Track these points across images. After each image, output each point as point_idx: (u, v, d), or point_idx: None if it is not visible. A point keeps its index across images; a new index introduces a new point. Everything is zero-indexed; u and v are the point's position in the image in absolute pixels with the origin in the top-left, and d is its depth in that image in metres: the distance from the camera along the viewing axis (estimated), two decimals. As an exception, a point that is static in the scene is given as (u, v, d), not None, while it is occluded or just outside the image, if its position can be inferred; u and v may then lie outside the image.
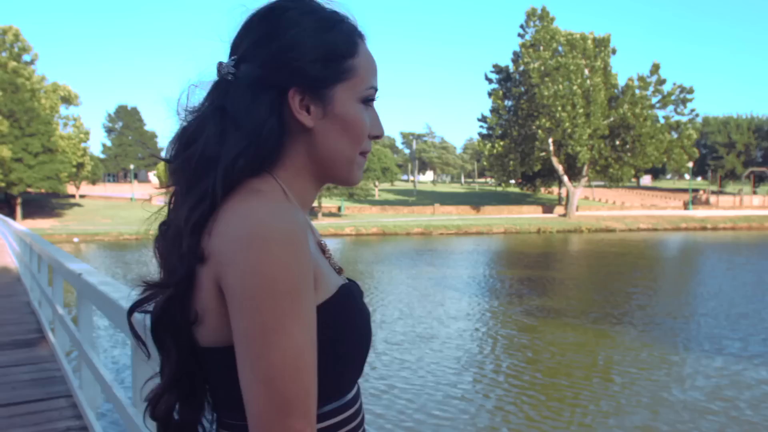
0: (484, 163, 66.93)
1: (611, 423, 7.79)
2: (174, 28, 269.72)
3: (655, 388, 9.11)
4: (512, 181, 67.30)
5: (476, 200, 74.03)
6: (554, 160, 58.38)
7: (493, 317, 14.62)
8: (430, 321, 13.89)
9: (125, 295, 3.12)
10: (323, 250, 1.01)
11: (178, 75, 1.01)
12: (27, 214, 54.55)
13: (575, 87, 55.16)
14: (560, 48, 57.50)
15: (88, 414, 4.34)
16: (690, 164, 63.53)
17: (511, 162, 60.62)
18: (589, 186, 74.17)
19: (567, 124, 54.47)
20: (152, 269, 1.08)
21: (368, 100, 0.99)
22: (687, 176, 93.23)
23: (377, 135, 1.00)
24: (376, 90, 0.99)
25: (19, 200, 55.39)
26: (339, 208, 66.10)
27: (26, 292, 10.72)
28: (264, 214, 0.83)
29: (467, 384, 9.37)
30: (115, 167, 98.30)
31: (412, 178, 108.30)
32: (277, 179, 0.95)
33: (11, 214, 50.99)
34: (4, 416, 4.67)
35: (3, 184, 52.14)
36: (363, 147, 0.99)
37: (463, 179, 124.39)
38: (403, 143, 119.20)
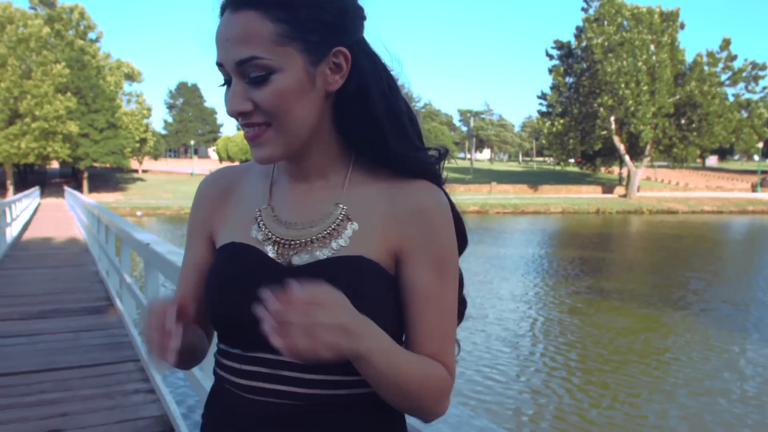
0: (543, 142, 65.95)
1: (656, 408, 7.75)
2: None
3: (707, 377, 8.98)
4: (571, 160, 66.08)
5: (534, 179, 73.14)
6: (616, 139, 57.10)
7: (542, 297, 14.55)
8: (478, 300, 13.95)
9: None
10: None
11: None
12: (93, 188, 56.51)
13: (640, 63, 53.64)
14: (625, 22, 55.89)
15: (155, 377, 4.61)
16: (760, 145, 61.25)
17: (571, 140, 59.53)
18: (652, 166, 72.22)
19: (630, 101, 53.11)
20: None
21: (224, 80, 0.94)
22: (756, 157, 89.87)
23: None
24: (218, 65, 0.92)
25: (85, 174, 57.43)
26: (395, 186, 66.26)
27: (94, 262, 11.23)
28: None
29: (508, 365, 9.42)
30: (176, 143, 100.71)
31: (469, 156, 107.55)
32: None
33: (78, 188, 53.01)
34: (77, 377, 5.00)
35: (70, 159, 54.10)
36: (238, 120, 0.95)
37: (521, 158, 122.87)
38: (460, 120, 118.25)
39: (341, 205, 0.95)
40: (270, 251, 0.95)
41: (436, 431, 1.09)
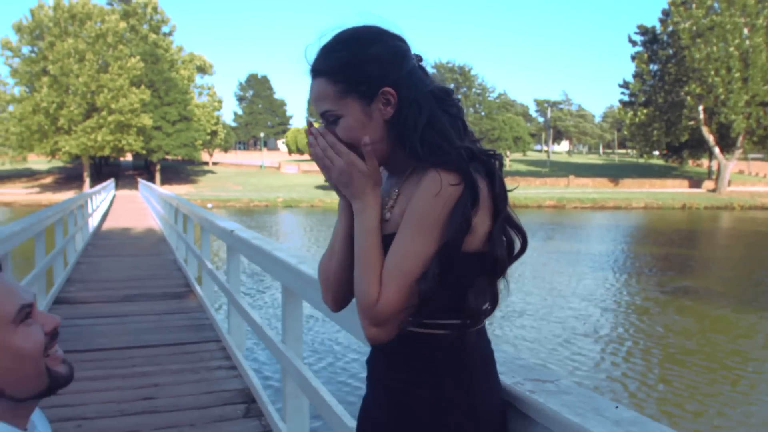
0: (625, 133, 64.60)
1: (736, 414, 7.77)
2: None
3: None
4: (656, 153, 64.53)
5: (615, 172, 71.56)
6: (704, 130, 55.36)
7: (619, 296, 14.54)
8: (551, 297, 14.05)
9: (276, 247, 3.74)
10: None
11: (309, 43, 1.47)
12: (164, 181, 58.74)
13: (731, 48, 51.75)
14: (716, 5, 54.01)
15: (237, 354, 5.08)
16: None
17: (655, 131, 58.08)
18: (745, 159, 69.65)
19: (720, 89, 51.39)
20: (281, 233, 1.60)
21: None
22: None
23: None
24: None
25: (158, 167, 59.78)
26: (467, 179, 66.20)
27: (172, 251, 11.96)
28: None
29: (579, 363, 9.55)
30: (246, 135, 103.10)
31: (545, 148, 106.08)
32: None
33: (151, 180, 55.17)
34: (164, 354, 5.54)
35: (144, 152, 56.46)
36: None
37: (601, 150, 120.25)
38: (536, 111, 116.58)
39: (396, 190, 1.36)
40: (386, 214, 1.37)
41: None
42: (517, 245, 1.35)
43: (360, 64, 1.30)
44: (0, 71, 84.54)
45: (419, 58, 1.37)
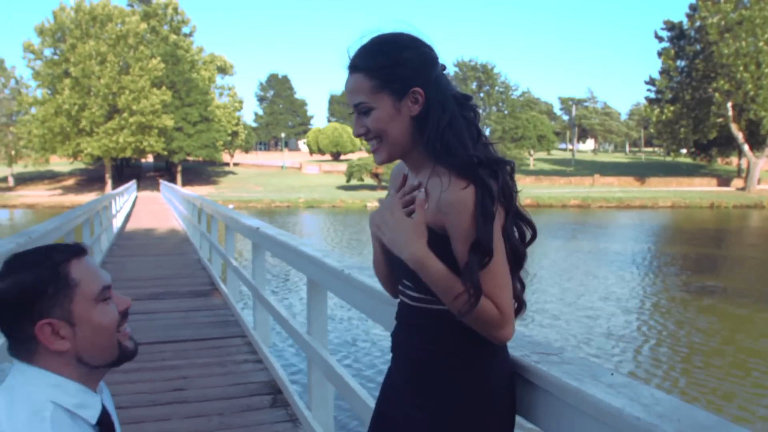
0: (652, 131, 64.11)
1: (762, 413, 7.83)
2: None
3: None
4: (683, 151, 63.96)
5: (641, 171, 71.09)
6: (733, 127, 54.83)
7: (641, 295, 14.56)
8: (571, 296, 14.13)
9: (301, 242, 3.95)
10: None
11: (329, 42, 1.68)
12: (186, 182, 59.43)
13: (761, 43, 51.18)
14: (744, -1, 53.55)
15: (263, 348, 5.30)
16: None
17: (683, 129, 57.61)
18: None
19: (750, 85, 50.88)
20: (304, 234, 1.79)
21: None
22: None
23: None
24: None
25: (179, 168, 60.47)
26: (490, 179, 66.12)
27: (195, 251, 12.25)
28: None
29: (602, 361, 9.66)
30: (267, 135, 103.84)
31: (570, 146, 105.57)
32: None
33: (172, 181, 55.85)
34: (192, 348, 5.77)
35: (165, 153, 57.17)
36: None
37: (627, 148, 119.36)
38: (561, 109, 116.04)
39: (421, 188, 1.54)
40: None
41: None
42: (528, 237, 1.58)
43: (395, 64, 1.50)
44: (22, 74, 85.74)
45: (443, 67, 1.57)
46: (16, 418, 1.23)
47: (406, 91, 1.50)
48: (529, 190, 55.99)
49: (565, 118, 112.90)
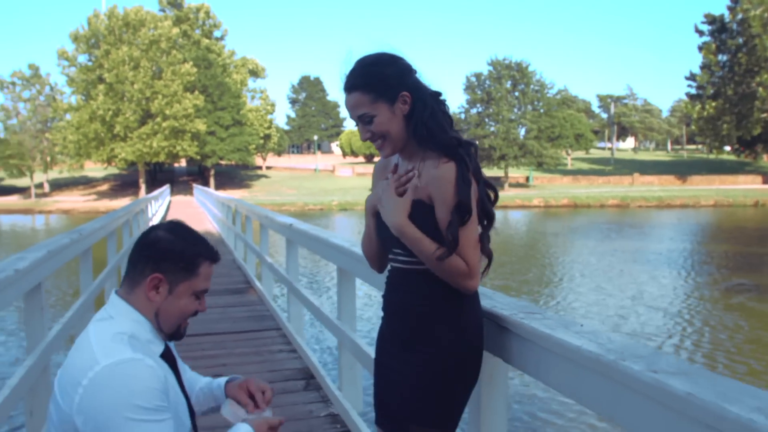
0: (693, 128, 63.45)
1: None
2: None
3: None
4: (726, 147, 63.18)
5: (683, 169, 70.35)
6: (778, 123, 54.11)
7: (685, 296, 14.65)
8: (613, 298, 14.30)
9: (331, 235, 4.34)
10: None
11: (361, 43, 2.06)
12: (219, 185, 60.41)
13: (807, 36, 50.56)
14: (789, -10, 52.81)
15: (297, 339, 5.70)
16: None
17: (725, 125, 56.97)
18: (825, 152, 67.59)
19: (795, 79, 50.23)
20: (340, 234, 2.17)
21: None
22: None
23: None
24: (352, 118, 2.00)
25: (212, 172, 61.52)
26: (527, 179, 66.10)
27: (230, 251, 12.74)
28: None
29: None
30: (299, 138, 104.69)
31: (609, 145, 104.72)
32: None
33: (205, 185, 56.87)
34: (230, 340, 6.20)
35: (198, 157, 58.23)
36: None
37: (669, 146, 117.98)
38: (599, 107, 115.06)
39: (415, 171, 1.95)
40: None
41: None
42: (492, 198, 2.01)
43: (384, 78, 1.93)
44: (57, 80, 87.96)
45: (415, 71, 2.00)
46: (104, 335, 1.70)
47: (396, 97, 1.93)
48: (566, 189, 55.85)
49: (604, 115, 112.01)
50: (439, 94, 1.99)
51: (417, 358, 1.95)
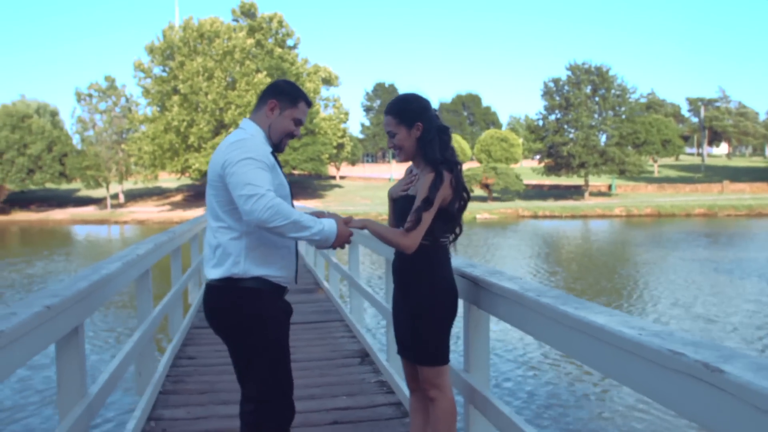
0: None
1: None
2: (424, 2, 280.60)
3: None
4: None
5: (780, 176, 68.50)
6: None
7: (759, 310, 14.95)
8: (695, 309, 14.77)
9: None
10: None
11: (434, 49, 3.17)
12: (292, 196, 62.13)
13: None
14: None
15: (356, 326, 6.77)
16: None
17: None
18: None
19: None
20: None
21: None
22: None
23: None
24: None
25: (285, 182, 63.46)
26: (609, 187, 65.71)
27: (301, 257, 13.95)
28: None
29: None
30: (374, 147, 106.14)
31: (699, 151, 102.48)
32: None
33: (278, 195, 58.71)
34: (299, 329, 7.28)
35: (271, 167, 60.20)
36: None
37: (767, 151, 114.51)
38: (689, 111, 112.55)
39: (416, 176, 2.99)
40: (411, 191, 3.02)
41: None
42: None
43: (408, 111, 2.97)
44: (132, 92, 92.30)
45: (434, 110, 3.00)
46: (236, 135, 2.95)
47: (413, 124, 2.95)
48: (650, 198, 55.38)
49: (694, 120, 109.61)
50: (446, 128, 3.01)
51: (411, 301, 2.97)
